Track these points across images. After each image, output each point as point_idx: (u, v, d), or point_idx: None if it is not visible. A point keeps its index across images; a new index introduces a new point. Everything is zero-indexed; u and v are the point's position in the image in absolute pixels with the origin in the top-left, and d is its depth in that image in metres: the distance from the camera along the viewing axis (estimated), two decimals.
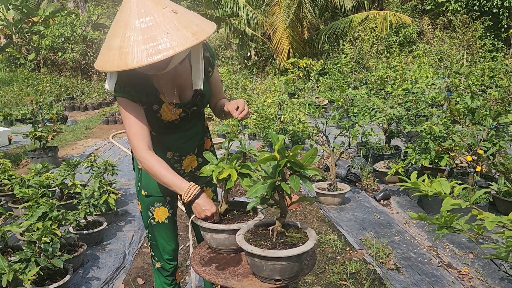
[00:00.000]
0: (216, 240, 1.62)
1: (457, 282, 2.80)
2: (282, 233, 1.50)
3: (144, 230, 3.83)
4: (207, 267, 1.56)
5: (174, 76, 1.74)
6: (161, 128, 1.82)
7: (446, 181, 1.38)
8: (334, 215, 4.01)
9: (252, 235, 1.52)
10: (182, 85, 1.77)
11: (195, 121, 1.92)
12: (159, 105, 1.72)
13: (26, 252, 2.51)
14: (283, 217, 1.50)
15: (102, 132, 8.83)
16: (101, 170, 4.10)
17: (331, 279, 2.88)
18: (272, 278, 1.39)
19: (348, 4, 14.05)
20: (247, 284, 1.42)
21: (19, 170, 6.01)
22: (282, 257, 1.34)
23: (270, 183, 1.36)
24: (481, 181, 4.01)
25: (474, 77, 6.61)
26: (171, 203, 2.01)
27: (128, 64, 1.39)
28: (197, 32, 1.45)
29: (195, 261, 1.63)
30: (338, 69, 11.28)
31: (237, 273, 1.51)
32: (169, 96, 1.74)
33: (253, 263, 1.42)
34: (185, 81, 1.77)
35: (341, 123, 4.64)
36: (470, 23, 12.45)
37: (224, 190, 1.68)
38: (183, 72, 1.75)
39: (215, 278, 1.48)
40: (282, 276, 1.39)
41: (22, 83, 14.68)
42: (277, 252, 1.35)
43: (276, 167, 1.34)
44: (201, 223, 1.64)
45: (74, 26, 14.87)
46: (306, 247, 1.39)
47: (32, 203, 2.93)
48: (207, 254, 1.68)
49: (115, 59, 1.42)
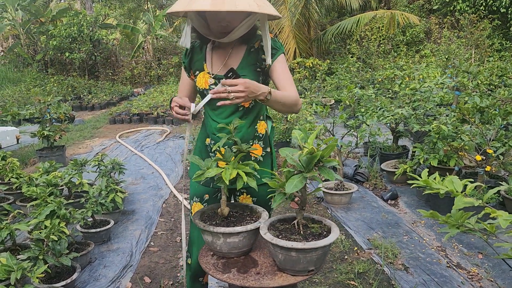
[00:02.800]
0: (230, 244, 1.57)
1: (466, 282, 2.77)
2: (305, 226, 1.55)
3: (151, 229, 3.84)
4: (229, 273, 1.51)
5: (228, 52, 1.89)
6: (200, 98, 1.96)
7: (458, 179, 1.36)
8: (341, 215, 3.99)
9: (276, 232, 1.53)
10: (229, 63, 1.88)
11: (235, 105, 1.83)
12: (200, 71, 1.91)
13: (34, 250, 2.51)
14: (303, 209, 1.55)
15: (109, 131, 8.86)
16: (108, 169, 4.12)
17: (338, 278, 2.87)
18: (306, 269, 1.44)
19: (354, 4, 14.00)
20: (281, 281, 1.44)
21: (27, 169, 6.04)
22: (319, 247, 1.40)
23: (304, 176, 1.41)
24: (491, 181, 3.97)
25: (483, 77, 6.55)
26: (209, 201, 2.00)
27: (192, 6, 1.53)
28: (262, 6, 1.60)
29: (211, 270, 1.56)
30: (345, 68, 11.23)
31: (264, 273, 1.49)
32: (211, 67, 1.89)
33: (287, 258, 1.43)
34: (234, 60, 1.89)
35: (349, 123, 4.62)
36: (478, 22, 12.34)
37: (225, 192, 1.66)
38: (236, 54, 1.89)
39: (245, 282, 1.44)
40: (315, 265, 1.45)
41: (30, 83, 14.80)
42: (317, 242, 1.40)
43: (309, 160, 1.40)
44: (214, 229, 1.56)
45: (81, 26, 14.95)
46: (335, 234, 1.46)
47: (40, 202, 2.93)
48: (217, 261, 1.62)
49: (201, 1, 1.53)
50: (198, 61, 1.92)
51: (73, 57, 15.15)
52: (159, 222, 4.04)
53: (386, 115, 4.83)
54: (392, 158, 5.14)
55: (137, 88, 15.88)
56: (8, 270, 2.20)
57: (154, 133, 8.53)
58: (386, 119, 4.78)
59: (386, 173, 4.93)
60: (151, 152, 6.87)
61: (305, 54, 13.99)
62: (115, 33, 17.26)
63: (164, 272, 3.08)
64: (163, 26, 18.13)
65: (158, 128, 8.99)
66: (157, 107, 10.12)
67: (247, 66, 1.85)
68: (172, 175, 5.52)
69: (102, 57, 16.28)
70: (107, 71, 16.71)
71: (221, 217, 1.69)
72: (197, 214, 1.73)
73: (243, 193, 1.96)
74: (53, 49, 15.12)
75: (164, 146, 7.24)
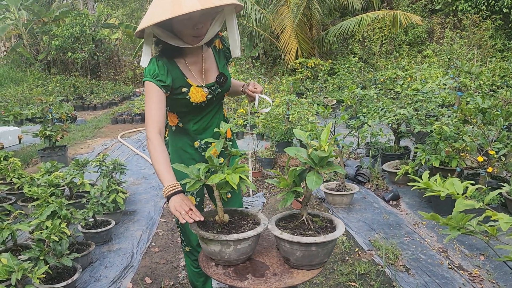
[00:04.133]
0: (240, 250, 1.54)
1: (467, 284, 2.76)
2: (311, 220, 1.60)
3: (152, 230, 3.84)
4: (247, 280, 1.48)
5: (201, 60, 1.95)
6: (189, 111, 1.96)
7: (459, 181, 1.35)
8: (342, 216, 3.98)
9: (287, 230, 1.56)
10: (207, 68, 1.96)
11: (218, 107, 2.07)
12: (188, 88, 1.89)
13: (35, 251, 2.52)
14: (307, 205, 1.60)
15: (110, 131, 8.88)
16: (109, 169, 4.12)
17: (339, 279, 2.86)
18: (322, 262, 1.50)
19: (356, 4, 13.97)
20: (301, 277, 1.46)
21: (29, 169, 6.05)
22: (333, 239, 1.46)
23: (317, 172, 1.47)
24: (492, 182, 3.96)
25: (485, 77, 6.53)
26: (199, 192, 2.12)
27: (183, 10, 1.55)
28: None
29: (228, 280, 1.51)
30: (347, 69, 11.21)
31: (279, 273, 1.50)
32: (196, 79, 1.92)
33: (306, 254, 1.46)
34: (210, 65, 1.98)
35: (350, 123, 4.61)
36: (480, 22, 12.30)
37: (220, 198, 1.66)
38: (208, 57, 1.98)
39: (268, 285, 1.43)
40: (328, 257, 1.52)
41: (32, 82, 14.83)
42: (334, 234, 1.47)
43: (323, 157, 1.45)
44: (226, 237, 1.52)
45: (84, 26, 14.97)
46: (342, 225, 1.54)
47: (42, 202, 2.94)
48: (226, 270, 1.58)
49: (168, 8, 1.57)
50: (178, 79, 1.86)
51: (75, 57, 15.17)
52: (160, 222, 4.04)
53: (388, 115, 4.82)
54: (394, 159, 5.13)
55: (139, 88, 15.90)
56: (9, 270, 2.21)
57: None
58: (388, 120, 4.77)
59: (387, 173, 4.92)
60: None
61: (307, 54, 13.97)
62: (117, 33, 17.28)
63: (165, 272, 3.08)
64: None
65: None
66: None
67: (223, 66, 2.04)
68: None
69: (104, 57, 16.30)
70: (109, 71, 16.74)
71: (221, 224, 1.67)
72: (194, 225, 1.64)
73: None
74: (55, 49, 15.15)
75: None
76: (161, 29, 1.76)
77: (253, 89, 2.01)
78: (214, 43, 2.02)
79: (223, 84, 1.98)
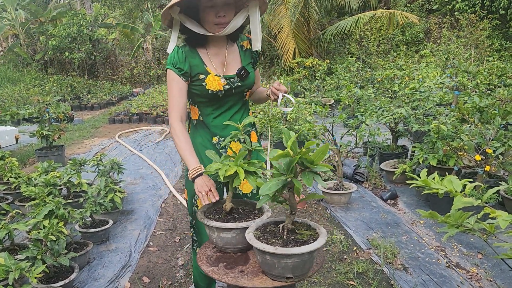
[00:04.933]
0: (223, 239, 1.60)
1: (465, 282, 2.76)
2: (292, 231, 1.48)
3: (149, 229, 3.83)
4: (215, 267, 1.54)
5: (225, 53, 2.00)
6: (207, 102, 1.98)
7: (457, 179, 1.35)
8: (340, 215, 3.98)
9: (262, 233, 1.50)
10: (229, 62, 2.00)
11: (240, 104, 2.06)
12: (205, 75, 1.92)
13: (32, 250, 2.51)
14: (293, 214, 1.48)
15: (108, 131, 8.86)
16: (107, 169, 4.11)
17: (338, 278, 2.86)
18: (283, 275, 1.37)
19: (354, 3, 13.99)
20: (257, 283, 1.40)
21: (26, 168, 6.03)
22: (294, 254, 1.32)
23: (283, 179, 1.35)
24: (490, 181, 3.97)
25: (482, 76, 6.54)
26: None
27: None
28: None
29: (202, 260, 1.60)
30: (344, 68, 11.23)
31: (247, 272, 1.49)
32: (215, 69, 1.95)
33: (264, 261, 1.40)
34: (233, 59, 2.01)
35: (348, 122, 4.61)
36: (477, 22, 12.34)
37: (230, 188, 1.67)
38: (232, 52, 2.02)
39: (224, 277, 1.46)
40: (293, 273, 1.37)
41: (29, 82, 14.79)
42: (290, 249, 1.33)
43: (289, 163, 1.33)
44: (208, 222, 1.61)
45: (81, 26, 14.93)
46: (318, 243, 1.37)
47: (39, 201, 2.93)
48: (214, 254, 1.66)
49: None
50: (196, 66, 1.93)
51: (72, 57, 15.14)
52: (158, 222, 4.03)
53: (385, 114, 4.82)
54: (392, 158, 5.14)
55: (136, 88, 15.88)
56: (6, 270, 2.19)
57: (153, 133, 8.53)
58: (386, 119, 4.78)
59: (385, 173, 4.92)
60: (150, 152, 6.86)
61: (304, 53, 13.98)
62: (115, 33, 17.24)
63: (163, 272, 3.07)
64: (163, 26, 18.10)
65: (158, 127, 8.98)
66: (156, 107, 10.12)
67: (247, 63, 2.04)
68: (171, 175, 5.52)
69: (102, 57, 16.27)
70: (106, 70, 16.70)
71: (224, 212, 1.71)
72: (204, 207, 1.75)
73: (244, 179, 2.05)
74: (52, 48, 15.11)
75: (164, 146, 7.23)
76: (187, 16, 1.87)
77: (278, 87, 2.01)
78: (243, 43, 2.06)
79: (243, 78, 1.98)
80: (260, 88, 2.21)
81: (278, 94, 1.93)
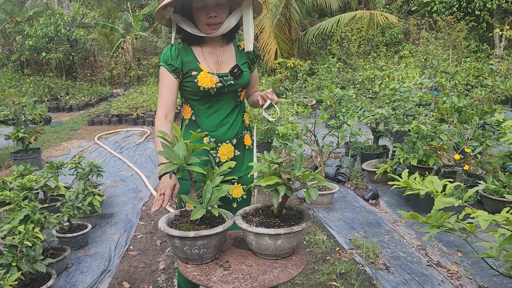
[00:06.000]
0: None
1: (446, 281, 2.79)
2: None
3: (130, 233, 3.76)
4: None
5: (220, 51, 1.98)
6: (199, 100, 1.96)
7: (437, 179, 1.35)
8: (323, 215, 3.99)
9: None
10: (224, 61, 1.98)
11: (233, 104, 2.02)
12: (198, 71, 1.91)
13: (7, 257, 2.43)
14: None
15: (87, 133, 8.69)
16: (85, 172, 4.02)
17: (320, 279, 2.86)
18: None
19: (334, 4, 14.10)
20: None
21: (1, 172, 5.87)
22: None
23: None
24: (469, 180, 4.03)
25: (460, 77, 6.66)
26: None
27: None
28: None
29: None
30: (326, 69, 11.30)
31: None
32: (208, 66, 1.94)
33: None
34: (228, 58, 1.99)
35: (330, 123, 4.63)
36: (455, 23, 12.59)
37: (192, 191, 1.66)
38: (227, 51, 2.01)
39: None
40: None
41: (5, 84, 14.40)
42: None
43: None
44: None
45: (58, 26, 14.62)
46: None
47: (14, 206, 2.84)
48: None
49: None
50: (189, 62, 1.92)
51: (50, 57, 14.79)
52: (139, 225, 3.97)
53: (366, 115, 4.86)
54: (373, 158, 5.18)
55: (116, 89, 15.64)
56: None
57: (134, 134, 8.41)
58: (367, 119, 4.81)
59: (367, 172, 4.96)
60: (130, 153, 6.76)
61: (286, 54, 14.01)
62: (94, 33, 16.94)
63: (143, 276, 3.02)
64: (143, 26, 17.89)
65: (138, 129, 8.86)
66: (137, 108, 9.98)
67: (242, 63, 2.02)
68: (152, 177, 5.44)
69: (80, 57, 15.96)
70: (85, 71, 16.39)
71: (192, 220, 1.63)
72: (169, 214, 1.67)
73: (234, 183, 2.04)
74: (29, 49, 14.73)
75: (144, 148, 7.14)
76: (182, 16, 1.90)
77: (270, 95, 1.94)
78: (240, 43, 2.05)
79: (236, 76, 1.96)
80: (258, 92, 2.19)
81: (267, 101, 1.90)
